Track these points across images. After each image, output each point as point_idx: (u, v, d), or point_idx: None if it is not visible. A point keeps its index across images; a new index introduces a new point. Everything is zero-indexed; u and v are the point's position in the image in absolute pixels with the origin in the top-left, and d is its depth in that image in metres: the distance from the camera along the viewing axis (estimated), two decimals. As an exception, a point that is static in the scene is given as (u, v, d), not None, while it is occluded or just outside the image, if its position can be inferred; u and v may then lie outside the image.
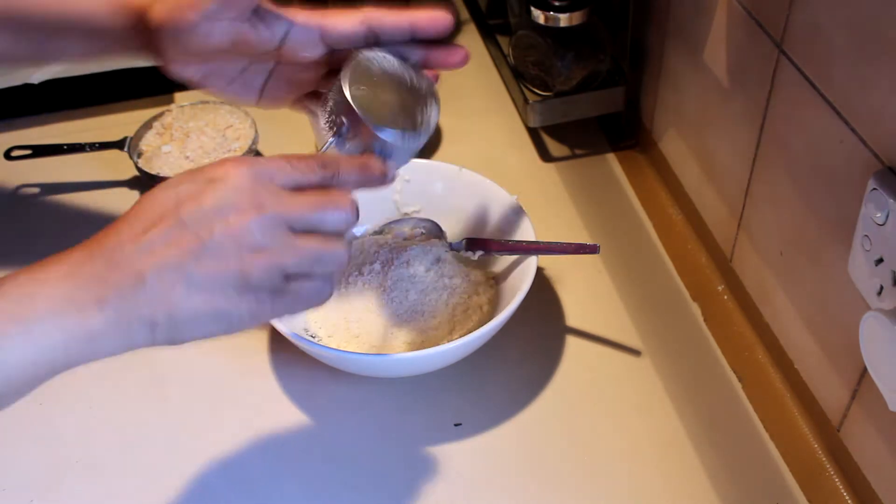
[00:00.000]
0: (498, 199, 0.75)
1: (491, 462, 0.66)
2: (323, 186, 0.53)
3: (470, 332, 0.66)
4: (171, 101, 0.98)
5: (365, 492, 0.64)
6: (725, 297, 0.75)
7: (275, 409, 0.69)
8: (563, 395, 0.70)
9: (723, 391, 0.70)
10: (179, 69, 0.62)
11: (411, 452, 0.67)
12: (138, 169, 0.84)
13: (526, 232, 0.72)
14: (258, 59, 0.61)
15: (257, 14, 0.57)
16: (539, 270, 0.79)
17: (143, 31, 0.60)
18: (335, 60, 0.59)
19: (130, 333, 0.47)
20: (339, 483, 0.65)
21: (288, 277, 0.50)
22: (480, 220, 0.76)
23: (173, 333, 0.48)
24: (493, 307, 0.72)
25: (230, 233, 0.48)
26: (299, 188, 0.51)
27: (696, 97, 0.75)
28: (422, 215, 0.77)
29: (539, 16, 0.82)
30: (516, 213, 0.73)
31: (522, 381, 0.71)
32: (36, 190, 0.88)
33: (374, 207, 0.76)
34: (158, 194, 0.50)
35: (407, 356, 0.64)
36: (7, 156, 0.88)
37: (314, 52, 0.59)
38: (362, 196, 0.54)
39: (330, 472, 0.65)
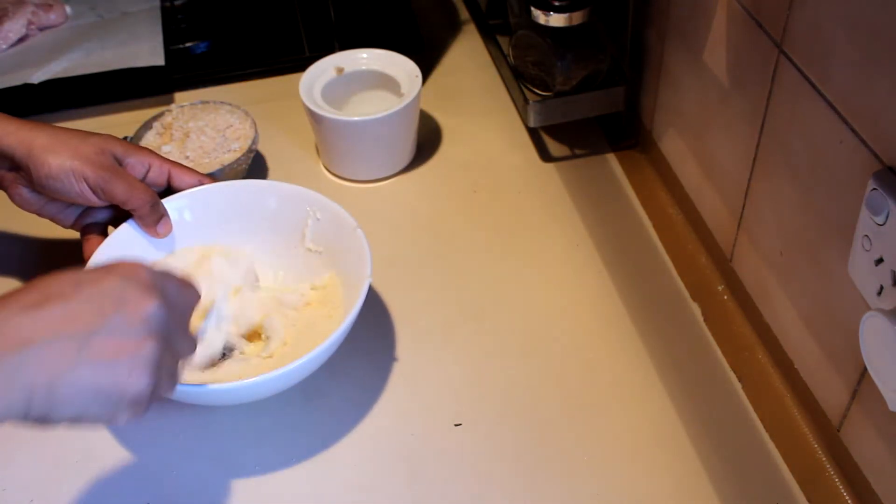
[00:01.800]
0: (360, 272, 0.69)
1: (490, 462, 0.66)
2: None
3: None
4: (171, 101, 0.98)
5: None
6: (725, 297, 0.75)
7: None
8: (562, 395, 0.70)
9: (723, 391, 0.70)
10: (23, 197, 0.71)
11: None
12: (138, 169, 0.84)
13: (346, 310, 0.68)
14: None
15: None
16: (535, 271, 0.79)
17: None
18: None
19: (7, 401, 0.45)
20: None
21: (164, 366, 0.51)
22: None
23: (49, 407, 0.47)
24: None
25: (128, 316, 0.49)
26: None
27: (696, 97, 0.75)
28: (323, 257, 0.74)
29: (539, 16, 0.82)
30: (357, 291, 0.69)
31: (521, 380, 0.71)
32: (36, 190, 0.88)
33: (281, 239, 0.75)
34: (57, 276, 0.50)
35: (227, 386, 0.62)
36: (7, 156, 0.88)
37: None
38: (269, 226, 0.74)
39: None
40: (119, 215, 0.74)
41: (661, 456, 0.65)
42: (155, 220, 0.71)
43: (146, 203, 0.70)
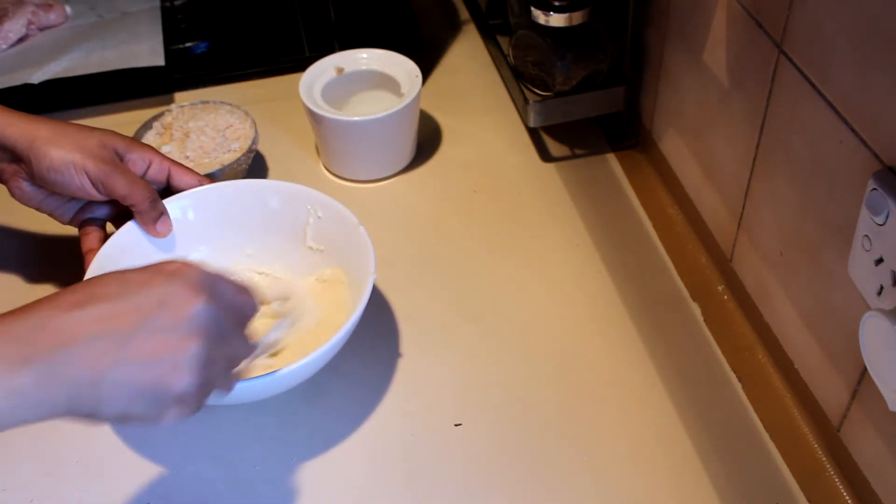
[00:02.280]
0: (365, 268, 0.69)
1: (490, 462, 0.66)
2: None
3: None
4: (171, 101, 0.98)
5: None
6: (725, 297, 0.75)
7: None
8: (562, 395, 0.70)
9: (723, 391, 0.70)
10: (23, 190, 0.71)
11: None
12: (138, 169, 0.84)
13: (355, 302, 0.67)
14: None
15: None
16: (535, 271, 0.79)
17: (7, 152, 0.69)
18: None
19: (52, 397, 0.46)
20: None
21: (214, 366, 0.51)
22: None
23: (95, 404, 0.48)
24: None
25: (172, 314, 0.49)
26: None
27: (696, 97, 0.75)
28: (325, 256, 0.74)
29: (539, 16, 0.82)
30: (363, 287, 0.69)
31: (521, 380, 0.71)
32: (36, 190, 0.88)
33: (282, 238, 0.75)
34: (104, 276, 0.51)
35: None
36: (7, 156, 0.88)
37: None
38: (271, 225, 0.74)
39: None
40: (118, 213, 0.74)
41: (661, 456, 0.65)
42: (154, 218, 0.71)
43: (146, 199, 0.70)
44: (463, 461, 0.66)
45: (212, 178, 0.76)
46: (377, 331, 0.74)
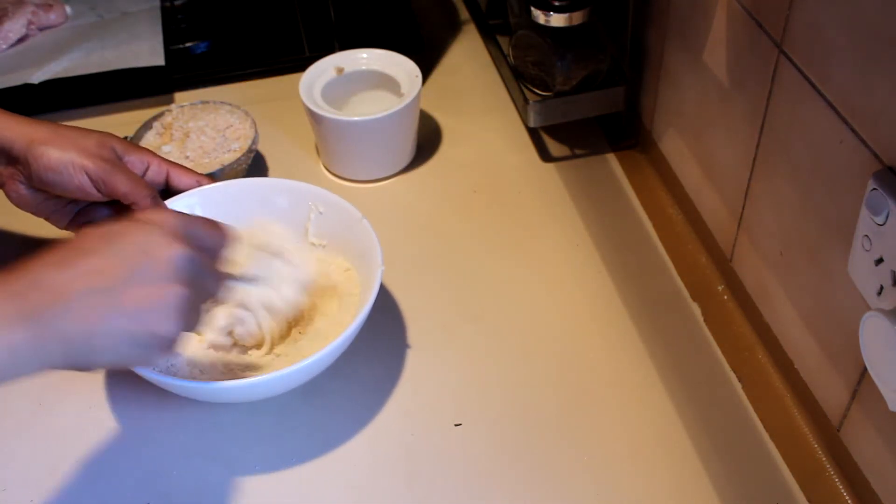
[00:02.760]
0: (373, 261, 0.69)
1: (490, 462, 0.66)
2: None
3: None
4: (171, 101, 0.98)
5: None
6: (725, 297, 0.75)
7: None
8: (562, 395, 0.70)
9: (723, 391, 0.70)
10: (19, 193, 0.71)
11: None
12: (138, 169, 0.84)
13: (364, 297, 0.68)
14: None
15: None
16: (535, 272, 0.79)
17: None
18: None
19: (48, 351, 0.49)
20: None
21: (193, 306, 0.55)
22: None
23: (88, 355, 0.51)
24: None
25: (155, 263, 0.53)
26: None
27: (696, 97, 0.75)
28: (328, 251, 0.75)
29: (539, 16, 0.82)
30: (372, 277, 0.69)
31: (521, 380, 0.71)
32: (36, 190, 0.88)
33: (287, 225, 0.74)
34: (86, 231, 0.54)
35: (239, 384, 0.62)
36: (7, 156, 0.88)
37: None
38: (275, 217, 0.72)
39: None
40: (116, 217, 0.74)
41: (661, 456, 0.65)
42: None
43: (148, 196, 0.70)
44: (463, 461, 0.66)
45: (211, 178, 0.76)
46: (377, 331, 0.74)
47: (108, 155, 0.70)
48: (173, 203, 0.73)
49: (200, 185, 0.74)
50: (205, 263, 0.56)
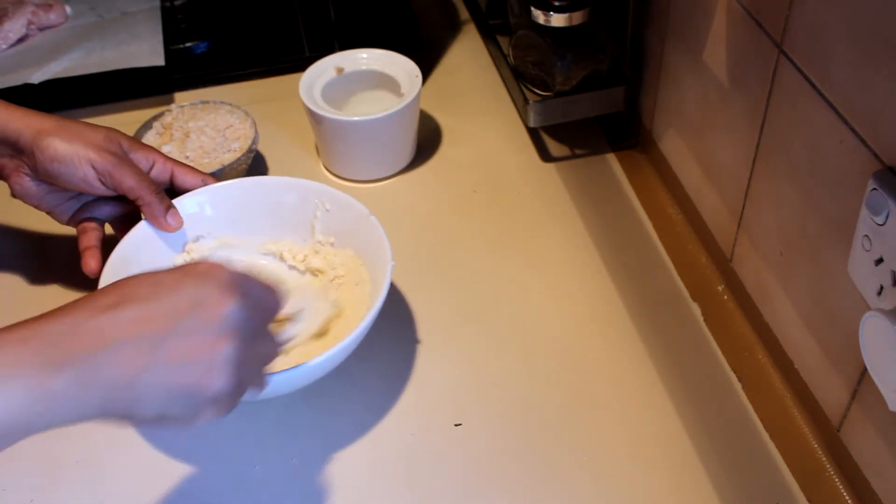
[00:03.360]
0: (382, 257, 0.69)
1: (490, 462, 0.66)
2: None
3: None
4: (171, 101, 0.98)
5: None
6: (725, 297, 0.75)
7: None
8: (562, 395, 0.70)
9: (723, 391, 0.70)
10: (24, 185, 0.71)
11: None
12: (138, 169, 0.84)
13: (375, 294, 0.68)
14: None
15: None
16: (535, 271, 0.79)
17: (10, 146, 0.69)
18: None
19: (87, 400, 0.46)
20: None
21: (247, 365, 0.51)
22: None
23: (129, 406, 0.48)
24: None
25: (205, 316, 0.49)
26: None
27: (696, 97, 0.75)
28: (335, 248, 0.75)
29: (539, 16, 0.82)
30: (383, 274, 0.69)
31: (521, 380, 0.71)
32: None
33: (292, 232, 0.76)
34: (135, 277, 0.51)
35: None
36: (7, 156, 0.88)
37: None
38: (281, 215, 0.75)
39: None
40: (118, 213, 0.74)
41: (661, 456, 0.65)
42: (163, 211, 0.71)
43: (153, 191, 0.70)
44: (463, 461, 0.66)
45: (215, 177, 0.76)
46: (377, 331, 0.74)
47: (115, 149, 0.70)
48: (181, 201, 0.73)
49: (205, 184, 0.74)
50: (259, 322, 0.53)
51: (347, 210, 0.73)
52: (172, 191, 0.74)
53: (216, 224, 0.75)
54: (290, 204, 0.76)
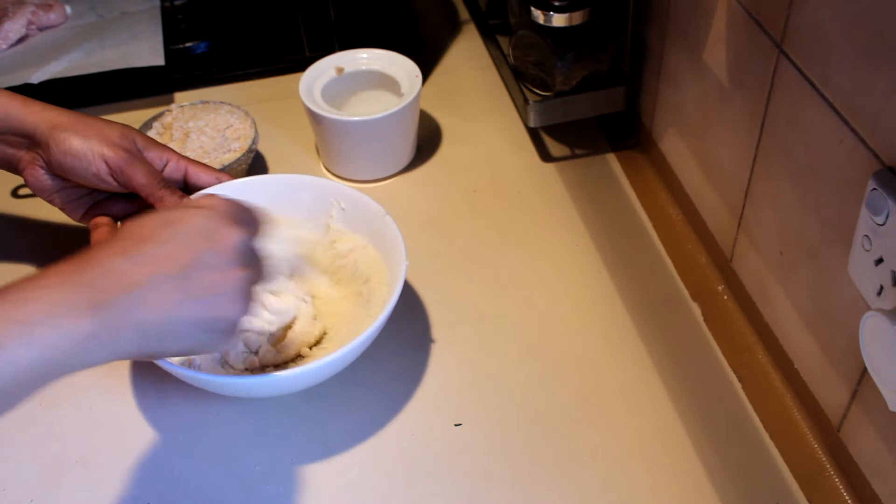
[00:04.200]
0: (397, 256, 0.70)
1: (490, 462, 0.66)
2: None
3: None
4: (171, 101, 0.98)
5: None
6: (725, 297, 0.75)
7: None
8: (562, 395, 0.70)
9: (723, 391, 0.70)
10: (38, 178, 0.71)
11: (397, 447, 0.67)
12: (138, 169, 0.84)
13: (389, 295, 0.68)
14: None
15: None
16: (535, 271, 0.79)
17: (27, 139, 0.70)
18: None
19: (119, 340, 0.49)
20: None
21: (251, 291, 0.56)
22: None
23: (162, 342, 0.51)
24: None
25: (219, 248, 0.53)
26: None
27: (696, 97, 0.75)
28: (347, 245, 0.76)
29: (539, 16, 0.82)
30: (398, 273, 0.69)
31: (522, 380, 0.71)
32: (36, 190, 0.88)
33: (310, 222, 0.76)
34: (144, 219, 0.54)
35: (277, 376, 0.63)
36: (7, 156, 0.88)
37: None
38: (298, 213, 0.75)
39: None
40: (130, 212, 0.73)
41: (661, 456, 0.65)
42: (176, 204, 0.70)
43: (165, 190, 0.70)
44: (463, 461, 0.66)
45: (229, 174, 0.76)
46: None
47: (129, 146, 0.70)
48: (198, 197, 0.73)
49: (220, 181, 0.74)
50: (255, 246, 0.57)
51: (363, 209, 0.74)
52: (186, 189, 0.74)
53: None
54: (306, 201, 0.76)
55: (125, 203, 0.74)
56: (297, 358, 0.70)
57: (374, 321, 0.64)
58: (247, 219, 0.57)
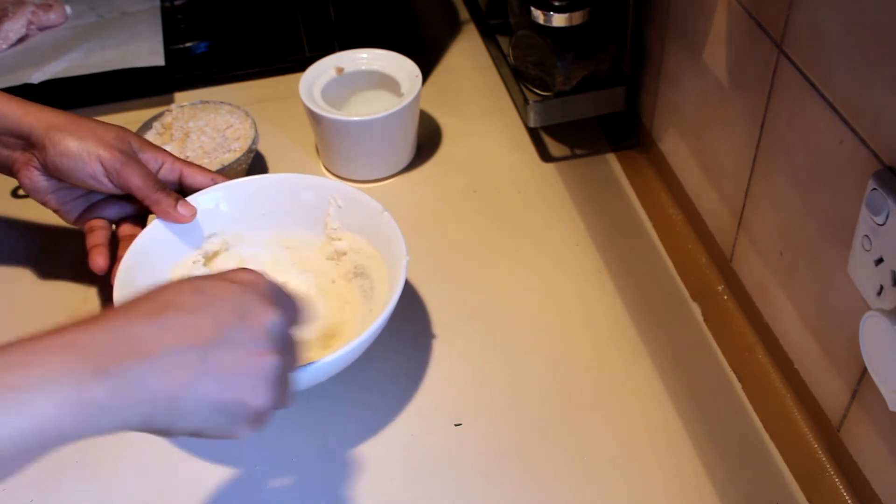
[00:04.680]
0: (397, 252, 0.70)
1: (490, 462, 0.66)
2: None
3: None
4: (171, 101, 0.98)
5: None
6: (725, 297, 0.75)
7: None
8: (562, 395, 0.70)
9: (723, 391, 0.70)
10: (33, 179, 0.70)
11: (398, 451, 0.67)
12: (138, 169, 0.84)
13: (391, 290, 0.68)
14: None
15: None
16: (535, 271, 0.79)
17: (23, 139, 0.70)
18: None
19: (128, 411, 0.44)
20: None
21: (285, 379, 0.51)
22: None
23: (171, 419, 0.46)
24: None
25: (250, 328, 0.48)
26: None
27: (696, 97, 0.75)
28: (343, 244, 0.76)
29: (539, 16, 0.82)
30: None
31: (521, 380, 0.71)
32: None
33: (307, 219, 0.76)
34: (177, 285, 0.49)
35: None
36: (7, 156, 0.88)
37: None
38: (295, 211, 0.75)
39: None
40: (125, 214, 0.74)
41: (662, 456, 0.65)
42: (172, 203, 0.70)
43: (159, 189, 0.70)
44: (463, 461, 0.66)
45: (224, 176, 0.76)
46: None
47: (125, 148, 0.70)
48: (197, 198, 0.73)
49: (215, 182, 0.74)
50: (292, 335, 0.53)
51: (360, 207, 0.74)
52: (182, 191, 0.74)
53: (230, 220, 0.76)
54: (305, 201, 0.76)
55: (120, 206, 0.74)
56: None
57: (375, 318, 0.64)
58: (286, 303, 0.53)
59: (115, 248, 0.72)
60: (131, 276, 0.67)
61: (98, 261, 0.71)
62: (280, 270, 0.76)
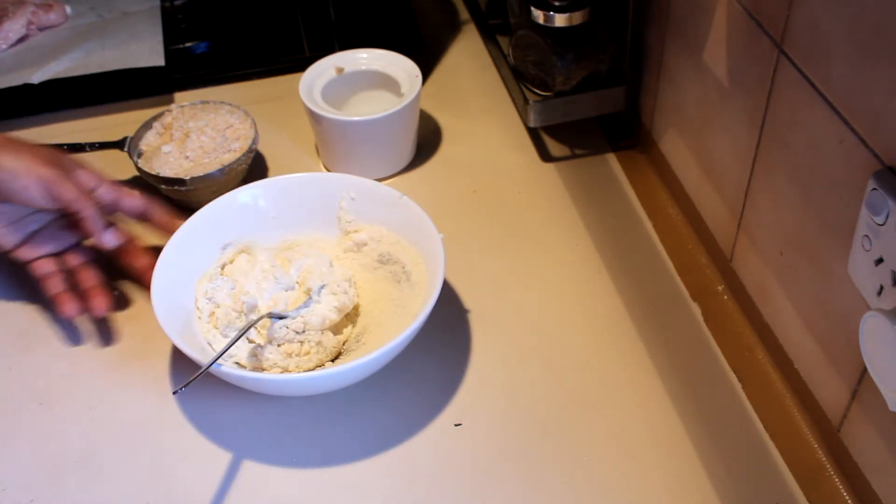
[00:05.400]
0: (427, 233, 0.72)
1: (490, 462, 0.66)
2: None
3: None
4: (171, 101, 0.98)
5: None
6: (725, 297, 0.75)
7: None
8: (562, 395, 0.70)
9: (723, 391, 0.70)
10: None
11: (406, 449, 0.67)
12: (138, 169, 0.84)
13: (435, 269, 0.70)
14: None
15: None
16: (535, 271, 0.79)
17: None
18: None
19: None
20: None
21: None
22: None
23: None
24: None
25: None
26: None
27: (696, 97, 0.75)
28: (362, 235, 0.77)
29: (539, 16, 0.82)
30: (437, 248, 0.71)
31: (521, 380, 0.71)
32: (36, 190, 0.88)
33: (318, 218, 0.77)
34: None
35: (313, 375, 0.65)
36: (7, 156, 0.88)
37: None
38: (306, 211, 0.77)
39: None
40: (69, 246, 0.75)
41: (661, 456, 0.65)
42: (103, 227, 0.72)
43: (93, 207, 0.71)
44: (463, 461, 0.66)
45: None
46: (377, 331, 0.74)
47: (60, 163, 0.71)
48: (235, 193, 0.76)
49: (148, 207, 0.75)
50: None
51: (375, 195, 0.75)
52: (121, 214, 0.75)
53: (265, 218, 0.77)
54: (313, 198, 0.77)
55: (61, 237, 0.74)
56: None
57: (424, 299, 0.66)
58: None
59: (71, 281, 0.73)
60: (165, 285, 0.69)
61: (68, 308, 0.72)
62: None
